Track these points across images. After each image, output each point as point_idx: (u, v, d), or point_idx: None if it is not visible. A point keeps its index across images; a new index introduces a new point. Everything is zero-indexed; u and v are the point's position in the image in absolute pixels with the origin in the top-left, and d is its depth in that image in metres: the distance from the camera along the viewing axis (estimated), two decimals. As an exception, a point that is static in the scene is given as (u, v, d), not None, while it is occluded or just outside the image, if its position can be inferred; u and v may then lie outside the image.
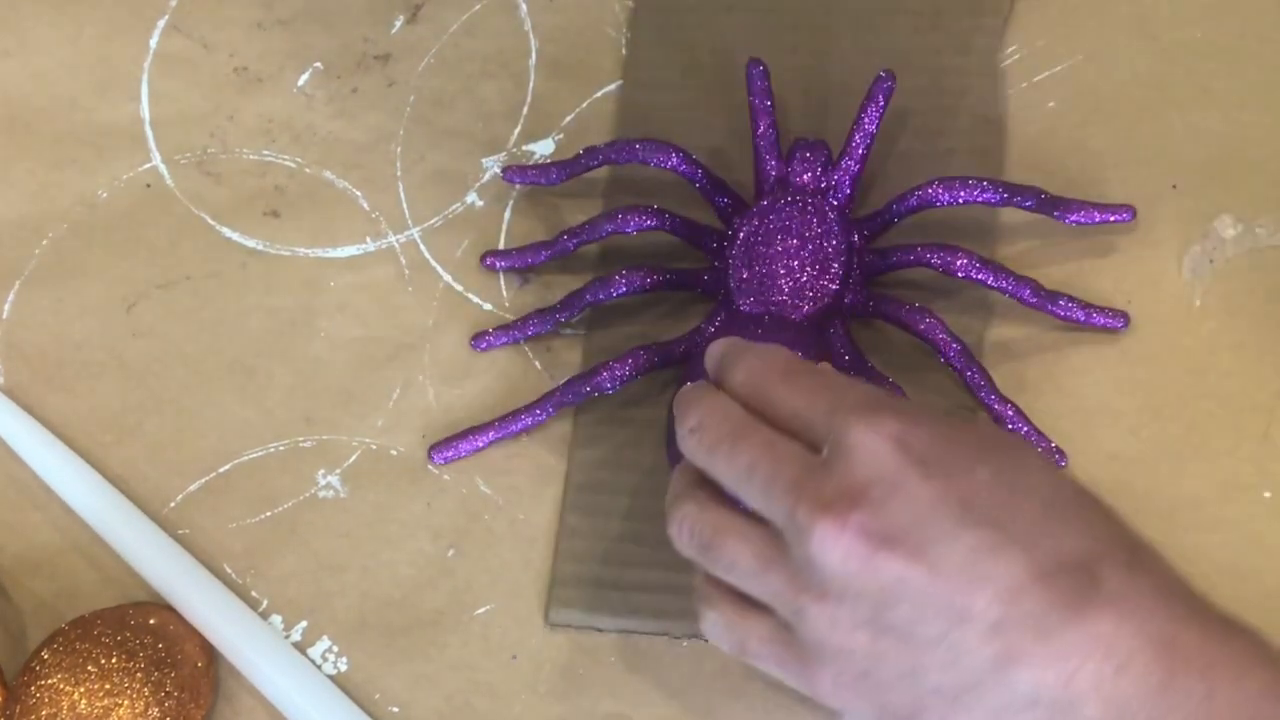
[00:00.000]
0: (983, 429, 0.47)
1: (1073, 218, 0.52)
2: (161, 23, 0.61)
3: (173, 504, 0.53)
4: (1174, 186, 0.54)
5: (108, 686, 0.48)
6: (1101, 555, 0.37)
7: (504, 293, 0.55)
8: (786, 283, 0.50)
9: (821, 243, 0.51)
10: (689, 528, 0.42)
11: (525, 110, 0.58)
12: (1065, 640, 0.36)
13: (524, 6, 0.60)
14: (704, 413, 0.42)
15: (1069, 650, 0.36)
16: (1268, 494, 0.49)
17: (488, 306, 0.55)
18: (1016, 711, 0.37)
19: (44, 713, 0.48)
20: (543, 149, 0.57)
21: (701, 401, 0.42)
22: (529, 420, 0.52)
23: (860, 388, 0.42)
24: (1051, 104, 0.55)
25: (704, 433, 0.41)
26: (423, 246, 0.56)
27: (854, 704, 0.40)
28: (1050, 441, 0.50)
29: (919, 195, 0.51)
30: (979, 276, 0.50)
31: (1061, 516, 0.38)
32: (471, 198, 0.57)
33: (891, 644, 0.38)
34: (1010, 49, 0.56)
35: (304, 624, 0.51)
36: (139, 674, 0.49)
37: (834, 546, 0.38)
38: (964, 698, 0.37)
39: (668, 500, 0.43)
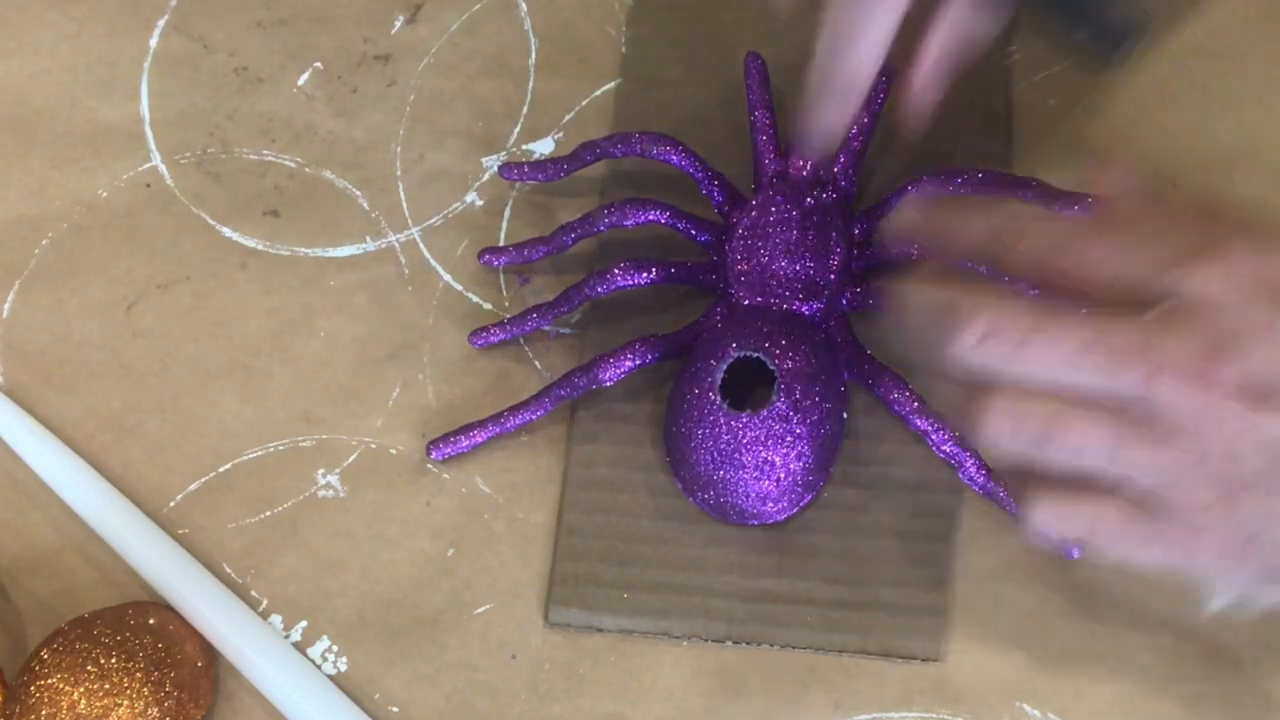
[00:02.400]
0: None
1: (1073, 210, 0.51)
2: (161, 23, 0.61)
3: (172, 504, 0.53)
4: (1174, 186, 0.54)
5: (107, 686, 0.48)
6: None
7: (503, 292, 0.55)
8: (786, 276, 0.50)
9: (820, 236, 0.51)
10: (1013, 419, 0.37)
11: (525, 109, 0.58)
12: None
13: (524, 6, 0.60)
14: (993, 311, 0.37)
15: None
16: (1269, 493, 0.49)
17: (487, 306, 0.55)
18: None
19: (44, 713, 0.48)
20: (542, 148, 0.57)
21: (982, 301, 0.38)
22: (527, 415, 0.51)
23: (1189, 224, 0.37)
24: (1051, 103, 0.55)
25: (1004, 331, 0.37)
26: (423, 246, 0.56)
27: (1235, 569, 0.37)
28: None
29: (916, 188, 0.51)
30: (979, 269, 0.50)
31: None
32: (471, 197, 0.57)
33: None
34: (1010, 48, 0.56)
35: (304, 624, 0.51)
36: (139, 674, 0.49)
37: (1207, 410, 0.35)
38: None
39: (966, 409, 0.38)
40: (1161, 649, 0.47)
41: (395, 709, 0.50)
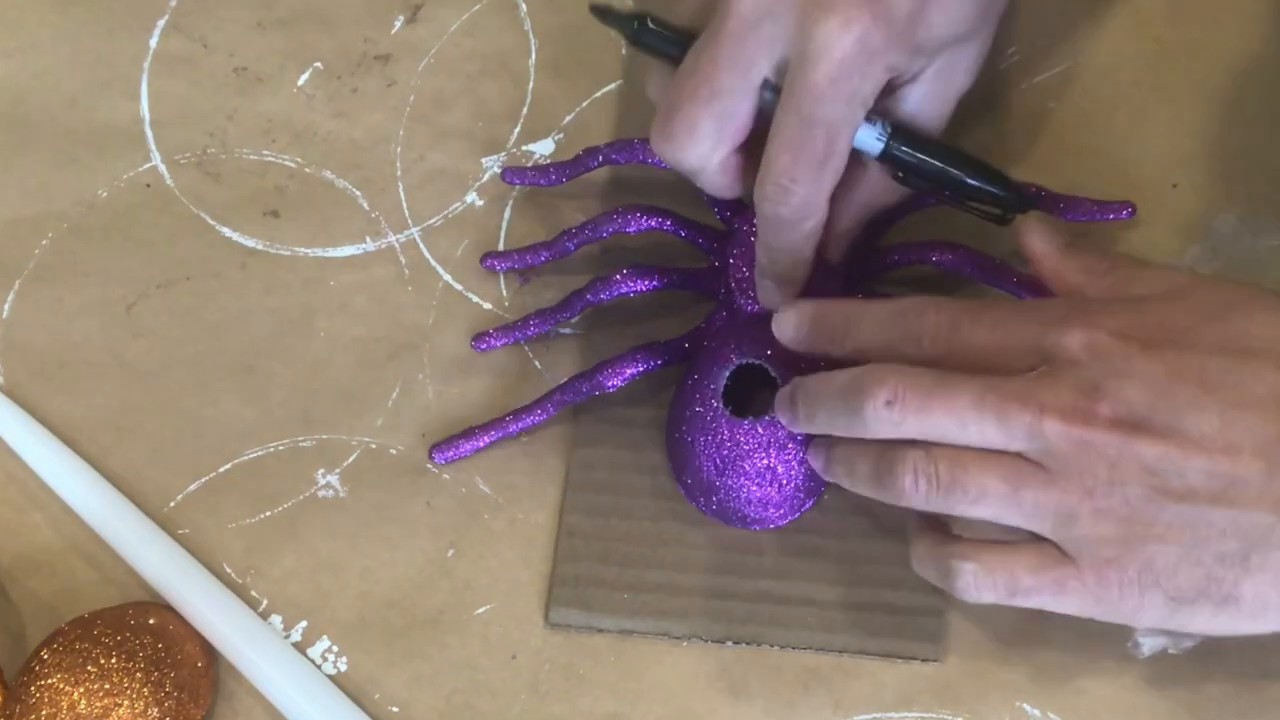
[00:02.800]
0: (1204, 292, 0.43)
1: (1073, 215, 0.52)
2: (161, 23, 0.61)
3: (173, 504, 0.53)
4: (1174, 186, 0.54)
5: (107, 686, 0.48)
6: None
7: (504, 293, 0.55)
8: (787, 282, 0.50)
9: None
10: (919, 472, 0.41)
11: (525, 110, 0.58)
12: None
13: (524, 6, 0.60)
14: (895, 380, 0.41)
15: None
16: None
17: (488, 306, 0.55)
18: None
19: (44, 713, 0.48)
20: (543, 149, 0.57)
21: (885, 373, 0.42)
22: (530, 420, 0.51)
23: (1055, 301, 0.43)
24: (1051, 104, 0.55)
25: (906, 397, 0.41)
26: (423, 246, 0.56)
27: (1145, 602, 0.40)
28: None
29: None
30: (979, 275, 0.50)
31: (1253, 365, 0.39)
32: (471, 198, 0.57)
33: (1168, 524, 0.38)
34: (1010, 49, 0.56)
35: (304, 624, 0.51)
36: (139, 674, 0.48)
37: (1089, 443, 0.38)
38: (1253, 557, 0.38)
39: (873, 470, 0.43)
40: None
41: (395, 709, 0.50)
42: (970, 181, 0.47)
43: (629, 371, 0.50)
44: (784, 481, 0.48)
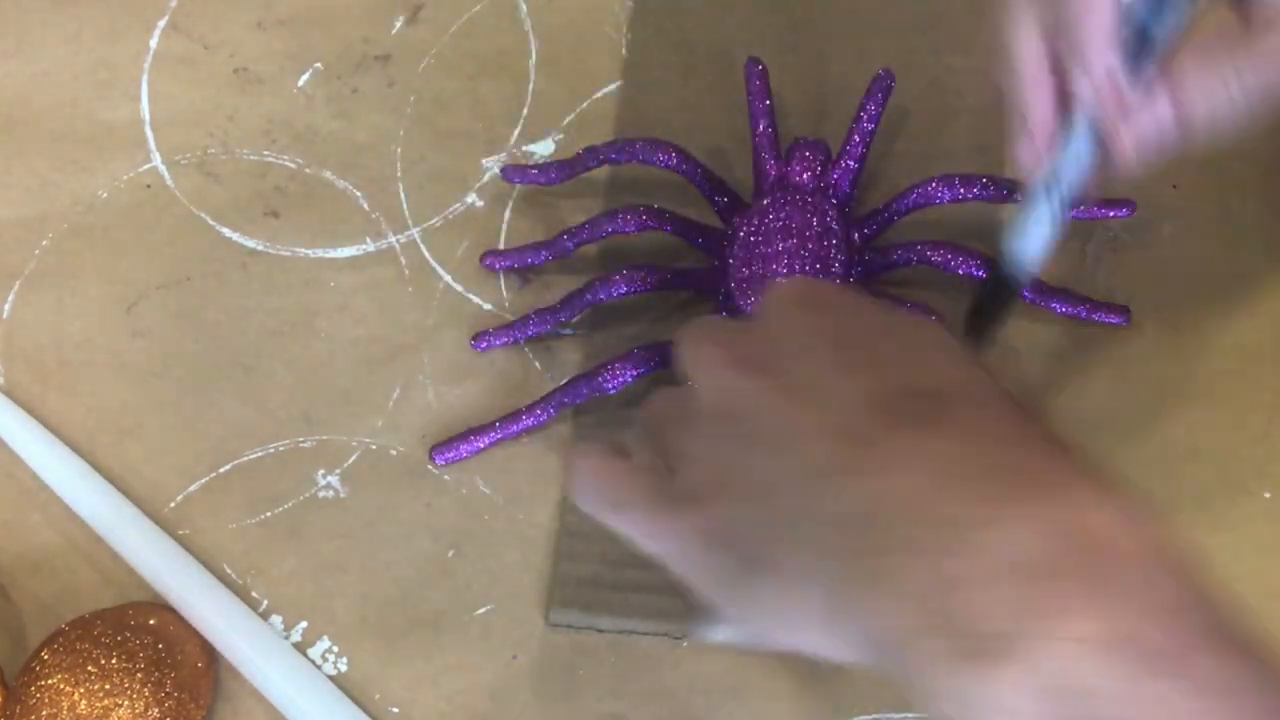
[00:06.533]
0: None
1: (1073, 213, 0.52)
2: (161, 23, 0.61)
3: (173, 504, 0.53)
4: (1174, 187, 0.54)
5: (108, 687, 0.48)
6: (959, 393, 0.35)
7: (504, 293, 0.55)
8: (787, 282, 0.50)
9: (821, 241, 0.51)
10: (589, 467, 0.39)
11: (525, 110, 0.58)
12: (895, 451, 0.33)
13: (524, 6, 0.60)
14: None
15: (903, 463, 0.33)
16: (1268, 494, 0.49)
17: (488, 306, 0.55)
18: (852, 531, 0.33)
19: (44, 713, 0.48)
20: (543, 149, 0.57)
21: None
22: (530, 421, 0.51)
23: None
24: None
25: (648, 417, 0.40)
26: (423, 246, 0.56)
27: (715, 560, 0.36)
28: None
29: (918, 193, 0.51)
30: (980, 274, 0.50)
31: (926, 357, 0.36)
32: (471, 198, 0.57)
33: (743, 470, 0.36)
34: (1010, 49, 0.56)
35: (304, 624, 0.51)
36: (139, 674, 0.49)
37: (697, 366, 0.37)
38: (803, 524, 0.34)
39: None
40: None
41: (395, 709, 0.50)
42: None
43: (629, 372, 0.51)
44: (784, 482, 0.48)
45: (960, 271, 0.50)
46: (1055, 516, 0.31)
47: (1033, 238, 0.43)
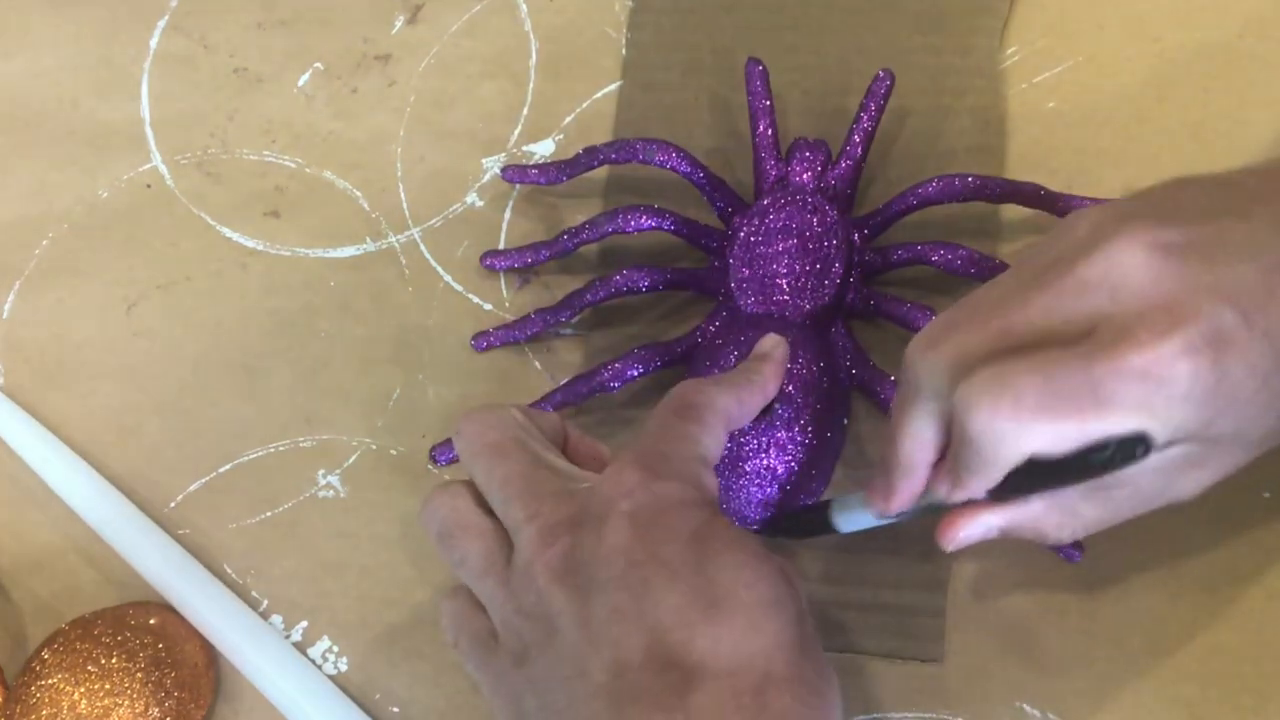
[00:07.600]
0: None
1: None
2: (161, 23, 0.61)
3: (173, 504, 0.53)
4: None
5: (108, 686, 0.48)
6: (713, 671, 0.37)
7: (504, 293, 0.55)
8: (787, 282, 0.50)
9: (822, 242, 0.51)
10: (436, 514, 0.43)
11: (525, 110, 0.58)
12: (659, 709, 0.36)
13: (524, 6, 0.60)
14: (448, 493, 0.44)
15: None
16: (1267, 494, 0.49)
17: (488, 306, 0.55)
18: None
19: (44, 713, 0.48)
20: (543, 149, 0.57)
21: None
22: (529, 420, 0.51)
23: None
24: (1051, 104, 0.55)
25: (466, 440, 0.44)
26: (423, 246, 0.56)
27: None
28: None
29: (919, 193, 0.51)
30: (980, 274, 0.50)
31: (720, 612, 0.38)
32: (471, 198, 0.57)
33: (536, 680, 0.39)
34: (1010, 49, 0.56)
35: (304, 624, 0.51)
36: (139, 674, 0.49)
37: (536, 566, 0.39)
38: None
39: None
40: (1161, 649, 0.47)
41: (395, 709, 0.50)
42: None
43: (629, 372, 0.51)
44: (784, 481, 0.48)
45: (960, 272, 0.50)
46: None
47: (857, 521, 0.45)
